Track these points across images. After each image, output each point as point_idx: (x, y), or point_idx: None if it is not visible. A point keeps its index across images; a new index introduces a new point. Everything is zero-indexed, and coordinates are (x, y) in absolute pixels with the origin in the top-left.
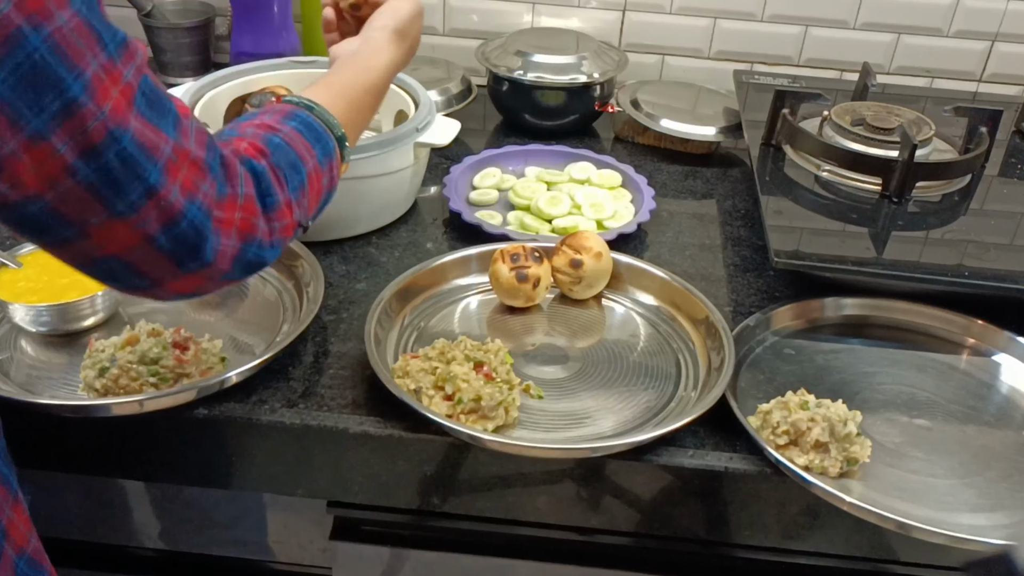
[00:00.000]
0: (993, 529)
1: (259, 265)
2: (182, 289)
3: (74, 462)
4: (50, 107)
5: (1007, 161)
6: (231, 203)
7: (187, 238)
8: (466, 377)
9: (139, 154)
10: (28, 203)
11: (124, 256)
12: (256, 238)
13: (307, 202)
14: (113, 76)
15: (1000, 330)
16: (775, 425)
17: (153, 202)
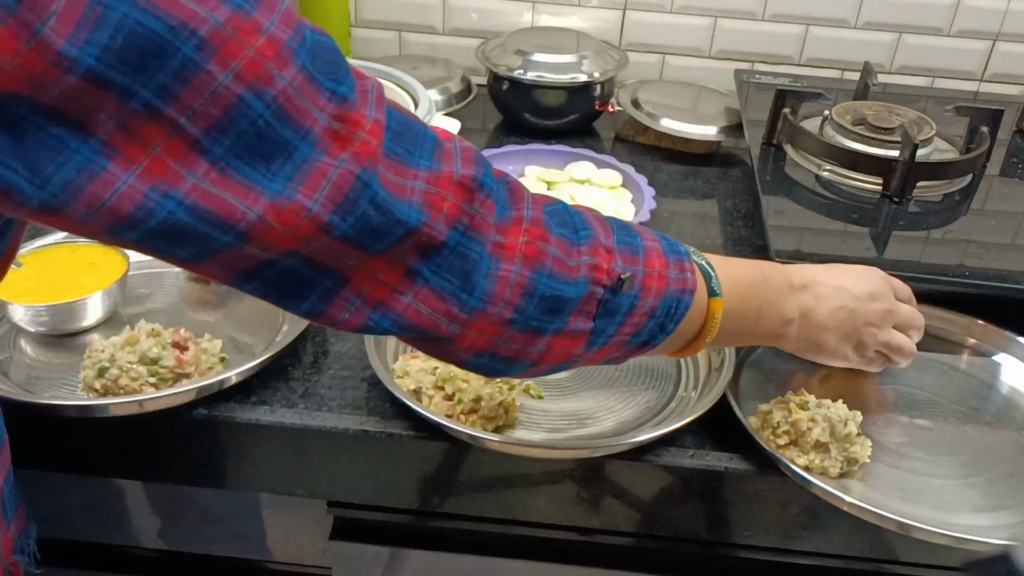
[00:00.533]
0: (994, 529)
1: (558, 302)
2: (475, 344)
3: (73, 463)
4: (283, 169)
5: (1008, 161)
6: (515, 226)
7: (451, 265)
8: (466, 377)
9: (391, 197)
10: (282, 260)
11: (395, 304)
12: (546, 266)
13: (640, 272)
14: (352, 120)
15: (1001, 330)
16: (775, 425)
17: (413, 240)
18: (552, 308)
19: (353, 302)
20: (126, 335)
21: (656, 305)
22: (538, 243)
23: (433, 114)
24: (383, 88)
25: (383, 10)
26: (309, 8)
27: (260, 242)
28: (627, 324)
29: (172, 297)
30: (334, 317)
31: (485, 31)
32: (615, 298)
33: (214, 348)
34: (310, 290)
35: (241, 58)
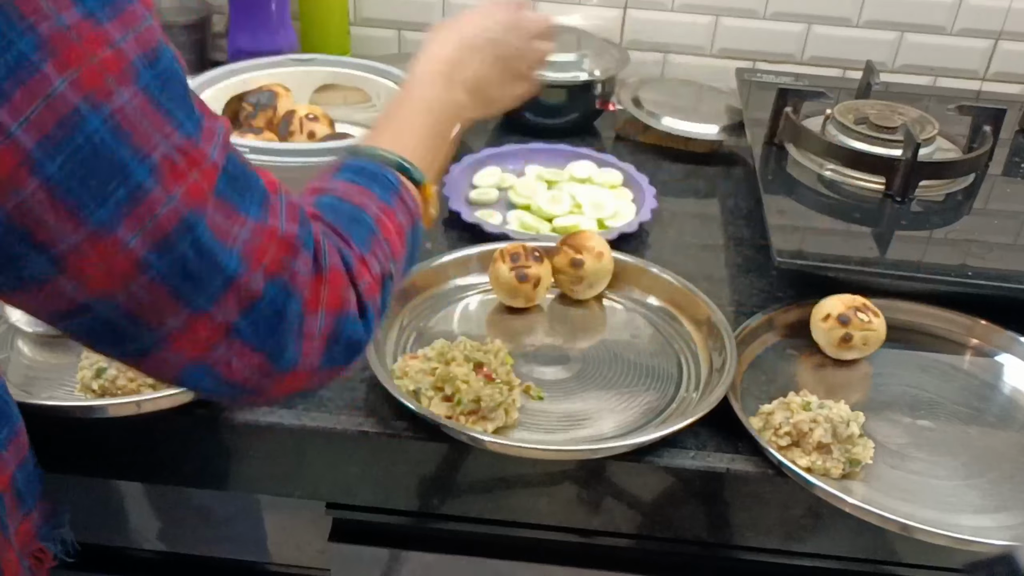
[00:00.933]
0: (996, 530)
1: (358, 340)
2: (285, 391)
3: (71, 464)
4: (114, 195)
5: (1011, 160)
6: (316, 280)
7: (268, 321)
8: (466, 378)
9: (214, 242)
10: (99, 304)
11: (208, 358)
12: (349, 309)
13: (387, 248)
14: (192, 157)
15: (1003, 330)
16: (777, 426)
17: (233, 291)
18: (356, 349)
19: (170, 359)
20: None
21: (406, 253)
22: (340, 290)
23: None
24: (230, 132)
25: (383, 8)
26: (309, 7)
27: (75, 275)
28: (396, 287)
29: None
30: (150, 369)
31: None
32: (385, 291)
33: None
34: (128, 342)
35: (80, 67)
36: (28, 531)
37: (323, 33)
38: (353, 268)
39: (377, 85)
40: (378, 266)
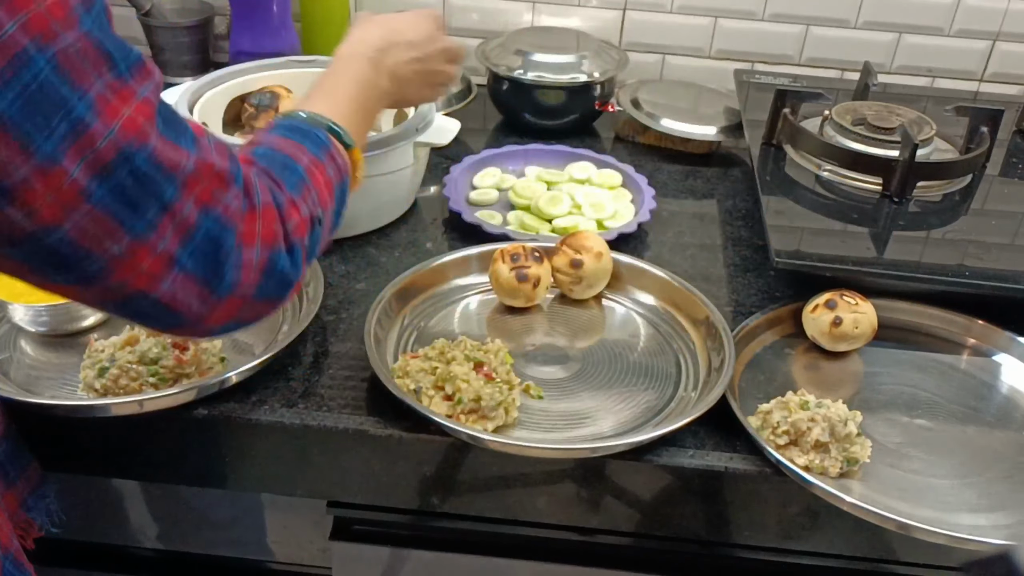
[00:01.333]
0: (993, 529)
1: (288, 275)
2: (220, 319)
3: (73, 463)
4: (58, 129)
5: (1008, 161)
6: (251, 214)
7: (206, 252)
8: (466, 377)
9: (155, 171)
10: (47, 233)
11: (153, 289)
12: (279, 244)
13: (316, 196)
14: (123, 95)
15: (1001, 330)
16: (775, 425)
17: (168, 217)
18: (282, 278)
19: (113, 287)
20: (126, 335)
21: (334, 205)
22: (273, 225)
23: (433, 114)
24: (163, 83)
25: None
26: (310, 8)
27: (23, 205)
28: (324, 239)
29: None
30: (92, 299)
31: (485, 31)
32: (314, 235)
33: (214, 348)
34: (72, 270)
35: (28, 11)
36: (13, 501)
37: (324, 34)
38: (283, 208)
39: None
40: (307, 209)
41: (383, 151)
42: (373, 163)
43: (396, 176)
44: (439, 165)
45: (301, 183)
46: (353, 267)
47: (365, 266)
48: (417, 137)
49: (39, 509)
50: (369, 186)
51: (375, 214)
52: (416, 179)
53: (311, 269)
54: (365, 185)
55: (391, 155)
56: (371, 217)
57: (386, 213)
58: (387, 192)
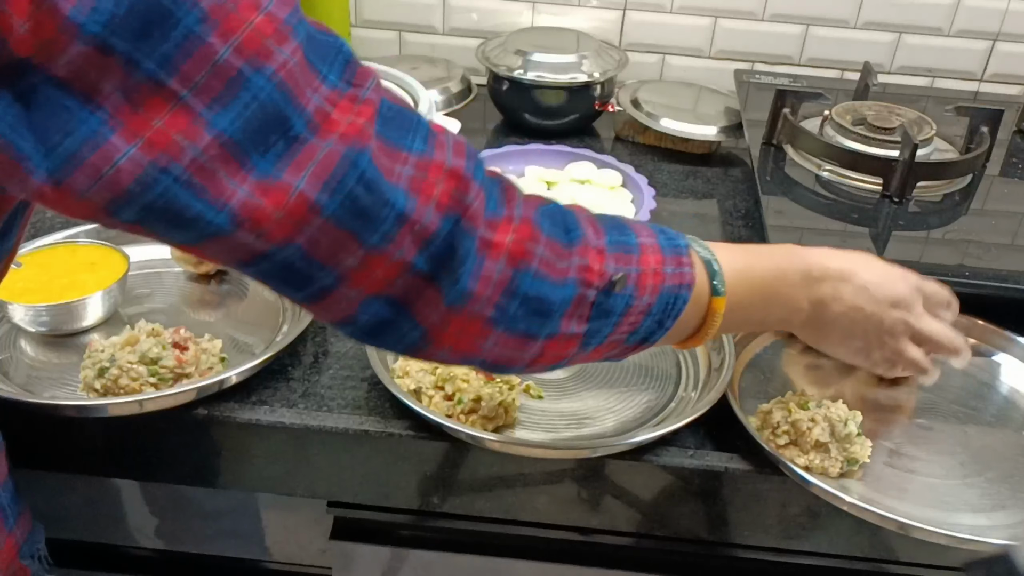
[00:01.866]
0: (994, 529)
1: (543, 300)
2: (456, 342)
3: (73, 462)
4: (275, 146)
5: (1008, 161)
6: (505, 224)
7: (443, 255)
8: (466, 377)
9: (380, 179)
10: (280, 251)
11: (387, 291)
12: (532, 266)
13: (634, 272)
14: (341, 106)
15: (1001, 330)
16: (775, 425)
17: (408, 226)
18: (538, 310)
19: (350, 295)
20: (126, 335)
21: (652, 303)
22: (527, 242)
23: (433, 114)
24: (380, 77)
25: (383, 10)
26: (310, 8)
27: (253, 226)
28: (623, 324)
29: (172, 297)
30: (329, 309)
31: (485, 31)
32: (608, 299)
33: (214, 348)
34: (309, 283)
35: (241, 32)
36: (11, 548)
37: None
38: (579, 243)
39: None
40: (612, 266)
41: None
42: None
43: None
44: None
45: (625, 247)
46: None
47: None
48: None
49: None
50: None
51: None
52: None
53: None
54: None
55: None
56: None
57: None
58: None
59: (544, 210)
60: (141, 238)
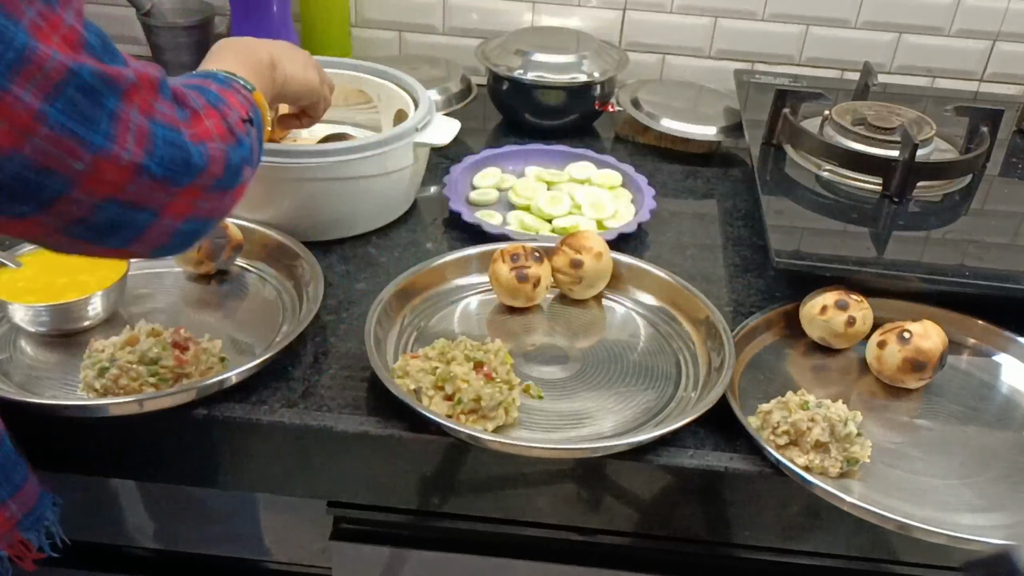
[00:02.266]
0: (993, 529)
1: (240, 166)
2: (182, 210)
3: (73, 462)
4: (4, 57)
5: (1008, 161)
6: (195, 118)
7: (174, 156)
8: (466, 377)
9: (99, 83)
10: (7, 161)
11: (120, 195)
12: (235, 137)
13: (236, 108)
14: (52, 21)
15: (1001, 330)
16: (775, 425)
17: (122, 127)
18: (238, 170)
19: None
20: (126, 335)
21: (256, 132)
22: (218, 122)
23: (433, 114)
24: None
25: (383, 10)
26: (310, 8)
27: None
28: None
29: (172, 297)
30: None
31: (485, 31)
32: (252, 140)
33: (214, 348)
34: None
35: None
36: (5, 522)
37: (324, 34)
38: (220, 107)
39: (378, 86)
40: (235, 114)
41: (383, 151)
42: (373, 163)
43: (396, 176)
44: (439, 165)
45: (218, 100)
46: (353, 267)
47: (365, 266)
48: (417, 137)
49: (36, 530)
50: (369, 186)
51: (375, 214)
52: (416, 179)
53: (311, 268)
54: (365, 185)
55: (391, 155)
56: (371, 217)
57: (386, 213)
58: (387, 192)
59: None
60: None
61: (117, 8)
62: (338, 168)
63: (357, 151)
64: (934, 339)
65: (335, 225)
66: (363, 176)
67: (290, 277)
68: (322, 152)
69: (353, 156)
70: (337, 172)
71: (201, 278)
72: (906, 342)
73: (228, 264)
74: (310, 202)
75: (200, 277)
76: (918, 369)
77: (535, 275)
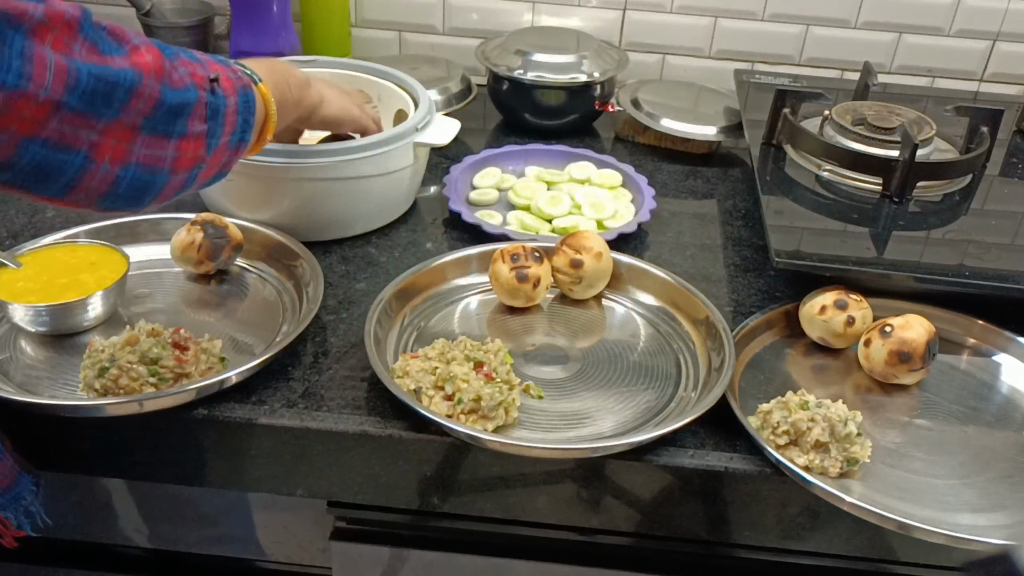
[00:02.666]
0: (993, 529)
1: (180, 108)
2: (115, 153)
3: (73, 463)
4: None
5: (1008, 161)
6: (133, 52)
7: (95, 88)
8: (466, 377)
9: (3, 20)
10: None
11: (41, 133)
12: (166, 77)
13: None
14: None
15: (1001, 330)
16: (775, 425)
17: (37, 65)
18: (175, 112)
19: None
20: (126, 335)
21: (236, 102)
22: (160, 61)
23: (433, 114)
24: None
25: (383, 10)
26: (310, 8)
27: None
28: (226, 124)
29: (172, 297)
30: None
31: (485, 31)
32: (214, 99)
33: (214, 348)
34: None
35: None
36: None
37: (324, 34)
38: (176, 58)
39: (378, 86)
40: (202, 70)
41: (383, 151)
42: (373, 163)
43: (396, 176)
44: (439, 165)
45: (196, 60)
46: (353, 267)
47: (365, 266)
48: (417, 137)
49: (13, 509)
50: (369, 186)
51: (375, 214)
52: (416, 179)
53: (311, 267)
54: (365, 185)
55: (391, 155)
56: (371, 217)
57: (386, 213)
58: (387, 192)
59: (137, 33)
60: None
61: (117, 8)
62: (338, 168)
63: (357, 151)
64: (917, 329)
65: (335, 225)
66: (363, 176)
67: (290, 277)
68: (322, 152)
69: (353, 156)
70: (337, 172)
71: (201, 278)
72: (888, 335)
73: (228, 264)
74: (310, 202)
75: (200, 277)
76: (905, 360)
77: (535, 275)
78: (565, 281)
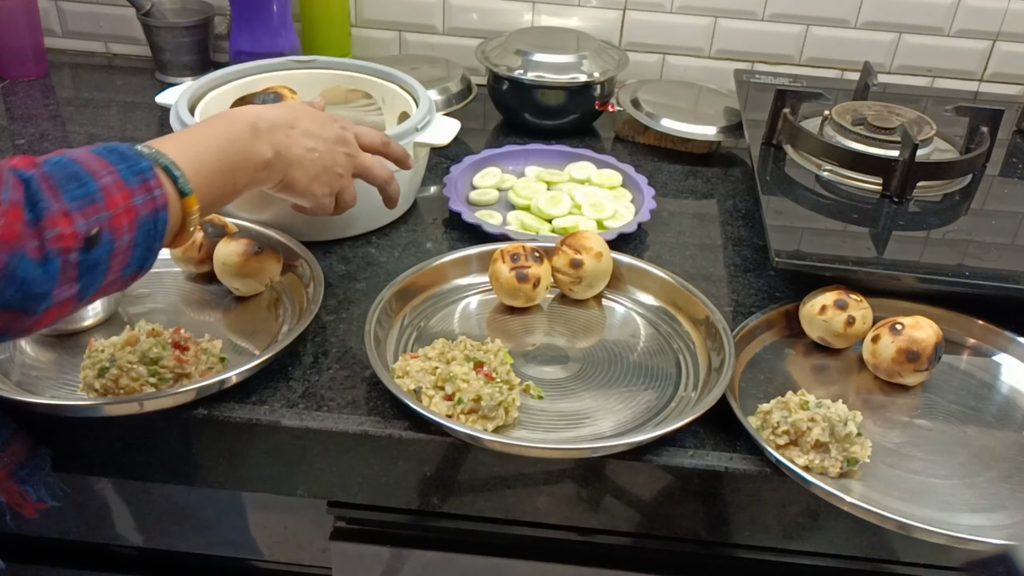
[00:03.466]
0: (994, 529)
1: (33, 285)
2: None
3: (73, 463)
4: None
5: (1008, 161)
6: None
7: None
8: (466, 377)
9: None
10: None
11: None
12: (23, 247)
13: (105, 217)
14: None
15: (1001, 330)
16: (775, 425)
17: None
18: (31, 294)
19: None
20: (126, 335)
21: (134, 236)
22: (17, 226)
23: (433, 114)
24: None
25: (383, 10)
26: (310, 8)
27: None
28: (113, 267)
29: (172, 297)
30: None
31: (485, 31)
32: (90, 255)
33: (214, 348)
34: None
35: None
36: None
37: (324, 34)
38: (45, 213)
39: (379, 87)
40: (83, 225)
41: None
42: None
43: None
44: (439, 165)
45: (87, 198)
46: (353, 267)
47: (365, 266)
48: (417, 137)
49: (34, 482)
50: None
51: (375, 214)
52: (416, 179)
53: (311, 268)
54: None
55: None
56: (371, 217)
57: (386, 213)
58: None
59: (20, 180)
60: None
61: (117, 8)
62: None
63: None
64: (927, 330)
65: (335, 225)
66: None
67: (290, 277)
68: None
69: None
70: None
71: (201, 278)
72: (899, 333)
73: None
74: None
75: (200, 277)
76: (913, 359)
77: (535, 275)
78: (565, 281)
